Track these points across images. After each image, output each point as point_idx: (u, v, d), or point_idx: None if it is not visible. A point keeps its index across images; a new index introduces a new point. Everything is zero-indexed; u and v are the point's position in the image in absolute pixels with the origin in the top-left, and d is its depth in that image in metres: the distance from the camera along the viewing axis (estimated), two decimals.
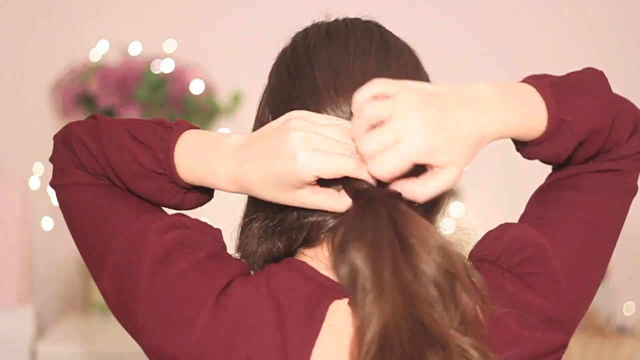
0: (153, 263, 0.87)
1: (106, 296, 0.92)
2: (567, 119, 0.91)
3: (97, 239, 0.93)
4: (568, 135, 0.91)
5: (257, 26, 2.69)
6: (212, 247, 0.90)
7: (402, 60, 0.94)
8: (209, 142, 0.91)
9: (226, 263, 0.90)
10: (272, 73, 0.98)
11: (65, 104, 2.41)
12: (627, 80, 1.68)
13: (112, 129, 0.94)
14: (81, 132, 0.96)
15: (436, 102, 0.83)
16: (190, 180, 0.92)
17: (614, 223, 0.97)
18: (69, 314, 2.51)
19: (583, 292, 0.92)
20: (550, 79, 0.94)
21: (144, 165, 0.92)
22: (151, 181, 0.93)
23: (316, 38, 0.95)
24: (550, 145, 0.92)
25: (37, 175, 2.50)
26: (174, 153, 0.91)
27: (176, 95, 2.39)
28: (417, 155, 0.82)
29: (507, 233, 0.91)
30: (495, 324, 0.86)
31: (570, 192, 0.96)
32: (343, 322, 0.86)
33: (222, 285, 0.87)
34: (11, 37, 2.62)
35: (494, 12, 2.76)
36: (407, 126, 0.82)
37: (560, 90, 0.92)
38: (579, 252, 0.92)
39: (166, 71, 2.41)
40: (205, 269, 0.88)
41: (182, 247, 0.88)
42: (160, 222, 0.90)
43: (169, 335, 0.86)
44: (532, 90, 0.91)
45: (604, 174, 0.96)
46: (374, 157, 0.83)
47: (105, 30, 2.58)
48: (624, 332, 2.47)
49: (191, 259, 0.88)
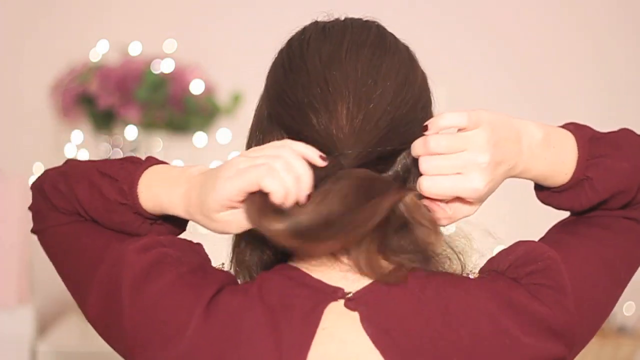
0: (135, 281, 0.87)
1: (94, 324, 0.93)
2: (592, 177, 0.92)
3: (80, 272, 0.94)
4: (588, 192, 0.93)
5: (257, 26, 2.69)
6: (195, 261, 0.90)
7: (397, 57, 0.94)
8: (174, 173, 0.92)
9: (210, 274, 0.90)
10: (270, 70, 0.98)
11: (65, 104, 2.41)
12: (626, 81, 1.68)
13: (81, 169, 0.97)
14: (53, 175, 0.99)
15: (501, 145, 0.88)
16: (152, 209, 0.93)
17: (629, 268, 0.97)
18: (69, 314, 2.51)
19: (591, 315, 0.92)
20: (590, 132, 0.95)
21: (109, 198, 0.93)
22: (116, 214, 0.94)
23: (312, 33, 0.95)
24: (567, 198, 0.94)
25: (37, 175, 2.50)
26: (137, 184, 0.92)
27: (176, 95, 2.39)
28: (469, 194, 0.87)
29: (520, 246, 0.92)
30: (495, 328, 0.86)
31: (592, 228, 0.96)
32: (338, 324, 0.86)
33: (211, 294, 0.87)
34: (11, 37, 2.62)
35: (494, 12, 2.76)
36: (474, 166, 0.86)
37: (597, 147, 0.93)
38: (590, 277, 0.92)
39: (166, 71, 2.41)
40: (189, 282, 0.87)
41: (163, 264, 0.88)
42: (138, 243, 0.90)
43: (161, 348, 0.86)
44: (572, 141, 0.93)
45: (630, 222, 0.97)
46: (430, 175, 0.87)
47: (105, 30, 2.58)
48: (624, 332, 2.48)
49: (174, 273, 0.87)
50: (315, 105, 0.89)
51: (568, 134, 0.94)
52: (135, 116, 2.37)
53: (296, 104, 0.90)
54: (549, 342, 0.87)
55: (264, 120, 0.94)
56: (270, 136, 0.93)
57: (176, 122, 2.44)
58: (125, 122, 2.40)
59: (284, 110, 0.91)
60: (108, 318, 0.90)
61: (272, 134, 0.93)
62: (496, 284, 0.88)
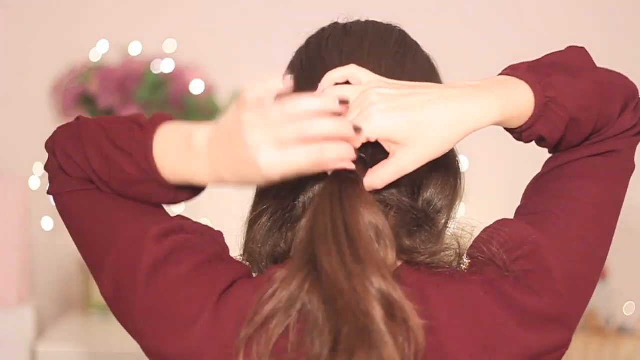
0: (151, 267, 0.87)
1: (106, 297, 0.92)
2: (553, 96, 0.90)
3: (96, 243, 0.92)
4: (557, 111, 0.90)
5: (257, 26, 2.69)
6: (213, 250, 0.90)
7: (420, 58, 0.94)
8: (180, 140, 0.88)
9: (227, 265, 0.89)
10: (287, 68, 0.97)
11: (65, 104, 2.41)
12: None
13: (93, 135, 0.92)
14: (64, 140, 0.94)
15: (405, 92, 0.85)
16: (178, 181, 0.90)
17: (613, 209, 0.95)
18: (69, 314, 2.51)
19: (581, 288, 0.91)
20: (526, 64, 0.93)
21: (129, 172, 0.90)
22: (139, 187, 0.91)
23: (331, 31, 0.95)
24: (542, 124, 0.91)
25: (37, 175, 2.50)
26: (153, 157, 0.89)
27: (176, 95, 2.39)
28: (374, 130, 0.84)
29: (502, 230, 0.90)
30: (493, 323, 0.86)
31: (567, 181, 0.94)
32: None
33: (224, 287, 0.87)
34: (11, 37, 2.62)
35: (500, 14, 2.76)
36: (369, 100, 0.84)
37: (540, 70, 0.91)
38: (576, 247, 0.91)
39: (166, 71, 2.41)
40: (205, 272, 0.87)
41: (182, 250, 0.88)
42: (159, 227, 0.89)
43: (170, 337, 0.86)
44: (512, 79, 0.90)
45: (600, 158, 0.95)
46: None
47: (105, 30, 2.58)
48: (624, 332, 2.48)
49: (191, 262, 0.87)
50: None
51: (505, 76, 0.91)
52: None
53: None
54: (548, 331, 0.88)
55: None
56: None
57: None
58: None
59: None
60: (120, 296, 0.89)
61: None
62: (488, 277, 0.88)
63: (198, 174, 0.88)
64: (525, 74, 0.90)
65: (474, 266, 0.89)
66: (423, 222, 0.92)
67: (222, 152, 0.85)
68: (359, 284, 0.80)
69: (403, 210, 0.91)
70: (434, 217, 0.94)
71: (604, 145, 0.95)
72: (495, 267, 0.88)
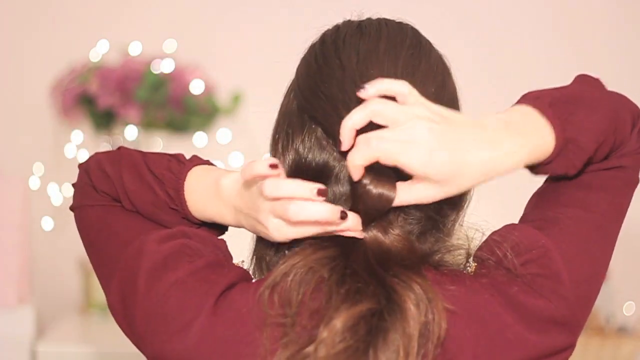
0: (150, 270, 0.88)
1: (113, 310, 0.93)
2: (573, 138, 0.90)
3: (108, 255, 0.95)
4: (576, 153, 0.91)
5: (257, 26, 2.69)
6: (214, 256, 0.90)
7: (434, 59, 0.94)
8: (210, 183, 0.93)
9: (226, 270, 0.90)
10: (299, 65, 0.97)
11: (65, 104, 2.41)
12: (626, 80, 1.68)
13: (132, 159, 0.98)
14: (102, 158, 1.00)
15: (450, 128, 0.84)
16: (202, 219, 0.96)
17: (617, 219, 0.97)
18: (69, 314, 2.51)
19: (587, 293, 0.92)
20: (548, 97, 0.92)
21: (159, 195, 0.95)
22: (164, 213, 0.96)
23: (347, 30, 0.95)
24: (559, 164, 0.92)
25: (37, 175, 2.50)
26: (184, 190, 0.94)
27: (176, 95, 2.39)
28: (412, 164, 0.83)
29: (511, 234, 0.91)
30: (499, 326, 0.86)
31: (575, 191, 0.95)
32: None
33: (221, 290, 0.87)
34: (11, 37, 2.62)
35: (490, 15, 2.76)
36: (417, 133, 0.82)
37: (561, 108, 0.91)
38: (583, 253, 0.92)
39: (166, 71, 2.41)
40: (203, 277, 0.87)
41: (181, 255, 0.88)
42: (161, 232, 0.91)
43: (167, 340, 0.86)
44: (535, 115, 0.90)
45: (608, 172, 0.96)
46: (370, 142, 0.83)
47: (105, 30, 2.58)
48: (624, 332, 2.48)
49: (189, 267, 0.88)
50: (349, 104, 0.87)
51: (527, 108, 0.91)
52: (135, 116, 2.37)
53: (330, 99, 0.89)
54: (553, 334, 0.88)
55: (293, 116, 0.93)
56: (301, 132, 0.92)
57: (176, 122, 2.44)
58: (125, 122, 2.40)
59: (317, 103, 0.91)
60: (125, 304, 0.90)
61: (304, 129, 0.92)
62: (495, 280, 0.89)
63: (226, 219, 0.94)
64: (547, 110, 0.90)
65: (482, 269, 0.90)
66: (433, 225, 0.92)
67: (241, 205, 0.90)
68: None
69: (412, 213, 0.91)
70: (443, 218, 0.94)
71: (612, 162, 0.96)
72: (504, 270, 0.89)
